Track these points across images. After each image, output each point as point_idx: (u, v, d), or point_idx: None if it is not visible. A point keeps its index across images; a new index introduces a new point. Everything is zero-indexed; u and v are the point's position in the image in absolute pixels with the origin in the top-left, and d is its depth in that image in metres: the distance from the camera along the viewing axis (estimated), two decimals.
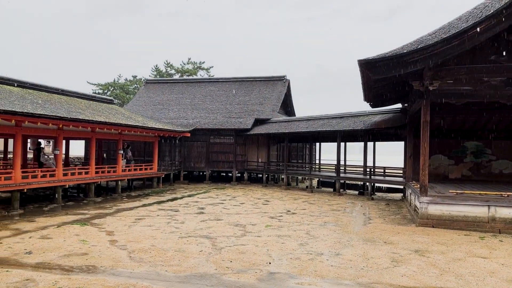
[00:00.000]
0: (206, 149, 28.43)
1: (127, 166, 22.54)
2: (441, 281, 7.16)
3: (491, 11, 10.67)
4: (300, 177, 29.02)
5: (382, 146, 26.84)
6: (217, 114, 29.42)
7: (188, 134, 25.80)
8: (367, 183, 21.61)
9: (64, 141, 20.88)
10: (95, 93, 47.10)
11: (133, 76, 53.73)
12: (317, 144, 32.49)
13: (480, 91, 12.40)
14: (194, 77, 48.21)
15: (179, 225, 12.24)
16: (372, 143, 23.42)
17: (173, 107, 31.49)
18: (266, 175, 27.38)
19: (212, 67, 53.73)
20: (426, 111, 12.77)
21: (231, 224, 12.55)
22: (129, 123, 19.81)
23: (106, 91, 51.43)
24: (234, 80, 34.33)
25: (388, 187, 23.65)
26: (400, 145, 21.85)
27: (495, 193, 12.41)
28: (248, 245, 9.68)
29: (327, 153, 31.67)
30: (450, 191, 13.06)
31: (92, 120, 16.92)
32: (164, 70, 52.91)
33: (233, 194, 21.38)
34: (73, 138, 23.64)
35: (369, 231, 11.67)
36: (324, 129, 22.27)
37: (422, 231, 11.68)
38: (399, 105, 19.73)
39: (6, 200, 16.72)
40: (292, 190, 24.02)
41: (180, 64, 53.17)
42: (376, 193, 22.41)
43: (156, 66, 53.19)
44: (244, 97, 31.51)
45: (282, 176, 26.47)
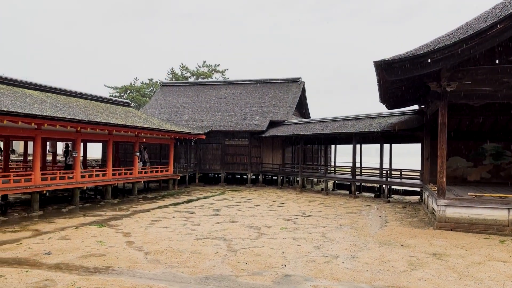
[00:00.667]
0: (221, 151, 28.55)
1: (143, 168, 22.79)
2: (460, 285, 7.04)
3: (510, 10, 10.48)
4: (315, 180, 28.88)
5: (398, 148, 26.60)
6: (232, 117, 29.53)
7: (204, 137, 25.95)
8: (383, 186, 21.39)
9: (82, 144, 21.23)
10: (112, 96, 47.77)
11: (149, 79, 54.33)
12: (333, 146, 32.33)
13: (499, 92, 12.18)
14: (209, 79, 48.50)
15: (194, 227, 12.31)
16: (388, 145, 23.21)
17: (188, 110, 31.72)
18: (281, 177, 27.34)
19: (227, 69, 54.03)
20: (443, 113, 12.59)
21: (246, 226, 12.56)
22: (145, 126, 20.03)
23: (122, 94, 52.07)
24: (248, 82, 34.42)
25: (404, 190, 23.38)
26: (416, 146, 21.60)
27: None
28: (263, 247, 9.68)
29: (342, 155, 31.45)
30: (469, 193, 12.84)
31: (109, 123, 17.17)
32: (179, 73, 53.34)
33: (248, 196, 21.41)
34: (91, 141, 24.05)
35: (385, 234, 11.55)
36: (340, 131, 22.14)
37: (440, 234, 11.50)
38: (415, 107, 19.52)
39: (26, 201, 17.08)
40: (307, 193, 23.93)
41: (196, 67, 53.57)
42: (392, 195, 22.17)
43: (172, 69, 53.69)
44: (259, 99, 31.55)
45: (297, 179, 26.39)
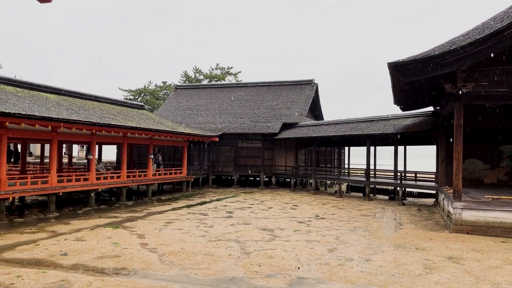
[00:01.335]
0: (234, 153, 28.61)
1: (157, 171, 22.97)
2: None
3: None
4: (328, 182, 28.72)
5: (413, 150, 26.30)
6: (245, 119, 29.59)
7: (217, 139, 26.07)
8: (398, 188, 21.17)
9: (97, 146, 21.50)
10: (126, 99, 48.30)
11: (163, 82, 54.81)
12: (346, 148, 32.13)
13: None
14: (222, 82, 48.66)
15: (208, 228, 12.36)
16: (402, 147, 22.97)
17: (201, 112, 31.89)
18: (294, 180, 27.27)
19: (240, 72, 54.13)
20: (459, 114, 12.42)
21: (260, 228, 12.56)
22: (159, 128, 20.21)
23: (137, 97, 52.65)
24: (261, 84, 34.47)
25: (419, 192, 23.08)
26: (431, 148, 21.34)
27: None
28: (277, 249, 9.67)
29: (356, 157, 31.28)
30: (485, 196, 12.63)
31: (123, 126, 17.36)
32: (193, 76, 53.68)
33: (261, 198, 21.40)
34: (106, 143, 24.34)
35: (400, 237, 11.43)
36: (353, 133, 22.00)
37: (456, 237, 11.34)
38: (430, 108, 19.27)
39: (42, 203, 17.35)
40: (321, 195, 23.82)
41: (209, 70, 53.83)
42: (407, 198, 21.92)
43: (185, 72, 54.07)
44: (272, 102, 31.56)
45: (311, 181, 26.28)
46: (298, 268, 8.07)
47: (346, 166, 30.18)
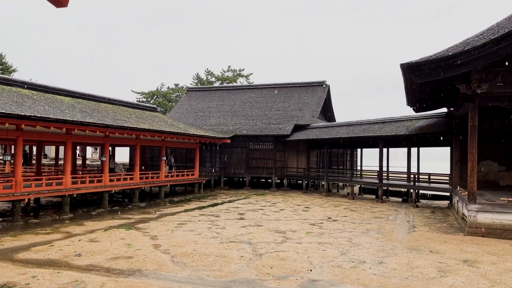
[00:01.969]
0: (245, 155, 28.65)
1: (169, 172, 23.11)
2: None
3: None
4: (341, 184, 28.57)
5: (427, 152, 25.99)
6: (257, 121, 29.61)
7: (228, 141, 26.13)
8: (411, 190, 20.96)
9: (110, 148, 21.72)
10: (139, 101, 48.78)
11: (175, 84, 55.21)
12: (358, 150, 31.90)
13: None
14: (234, 84, 48.84)
15: (220, 230, 12.39)
16: (415, 148, 22.72)
17: (213, 114, 32.02)
18: (306, 182, 27.18)
19: (252, 73, 54.29)
20: (473, 115, 12.25)
21: (271, 230, 12.55)
22: (171, 130, 20.34)
23: (149, 99, 53.09)
24: (273, 86, 34.46)
25: (433, 194, 22.83)
26: (445, 150, 21.07)
27: None
28: (289, 251, 9.64)
29: (368, 159, 30.98)
30: (501, 198, 12.43)
31: (136, 128, 17.51)
32: (205, 78, 53.97)
33: (273, 200, 21.38)
34: (119, 145, 24.56)
35: (413, 240, 11.31)
36: (366, 135, 21.85)
37: (471, 240, 11.17)
38: (444, 109, 19.03)
39: (57, 204, 17.59)
40: (333, 197, 23.70)
41: (221, 72, 54.08)
42: (420, 200, 21.68)
43: (197, 74, 54.39)
44: (283, 103, 31.53)
45: (323, 183, 26.17)
46: (310, 270, 8.04)
47: (358, 168, 29.95)
